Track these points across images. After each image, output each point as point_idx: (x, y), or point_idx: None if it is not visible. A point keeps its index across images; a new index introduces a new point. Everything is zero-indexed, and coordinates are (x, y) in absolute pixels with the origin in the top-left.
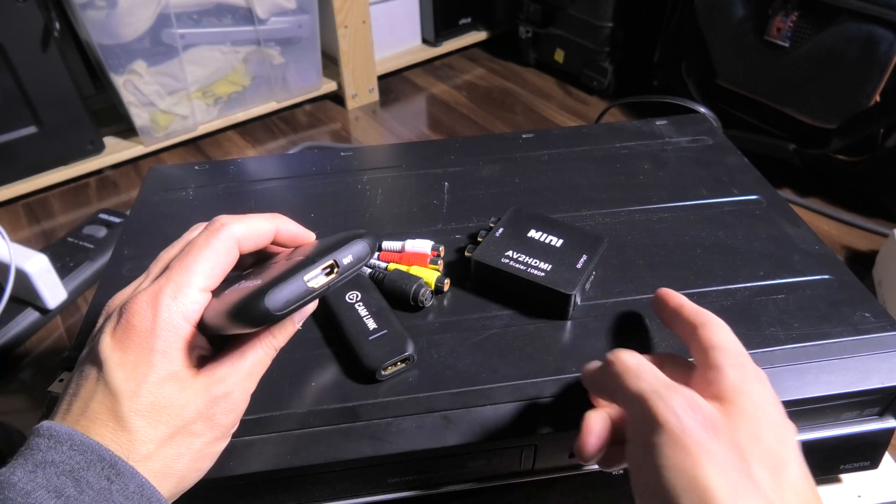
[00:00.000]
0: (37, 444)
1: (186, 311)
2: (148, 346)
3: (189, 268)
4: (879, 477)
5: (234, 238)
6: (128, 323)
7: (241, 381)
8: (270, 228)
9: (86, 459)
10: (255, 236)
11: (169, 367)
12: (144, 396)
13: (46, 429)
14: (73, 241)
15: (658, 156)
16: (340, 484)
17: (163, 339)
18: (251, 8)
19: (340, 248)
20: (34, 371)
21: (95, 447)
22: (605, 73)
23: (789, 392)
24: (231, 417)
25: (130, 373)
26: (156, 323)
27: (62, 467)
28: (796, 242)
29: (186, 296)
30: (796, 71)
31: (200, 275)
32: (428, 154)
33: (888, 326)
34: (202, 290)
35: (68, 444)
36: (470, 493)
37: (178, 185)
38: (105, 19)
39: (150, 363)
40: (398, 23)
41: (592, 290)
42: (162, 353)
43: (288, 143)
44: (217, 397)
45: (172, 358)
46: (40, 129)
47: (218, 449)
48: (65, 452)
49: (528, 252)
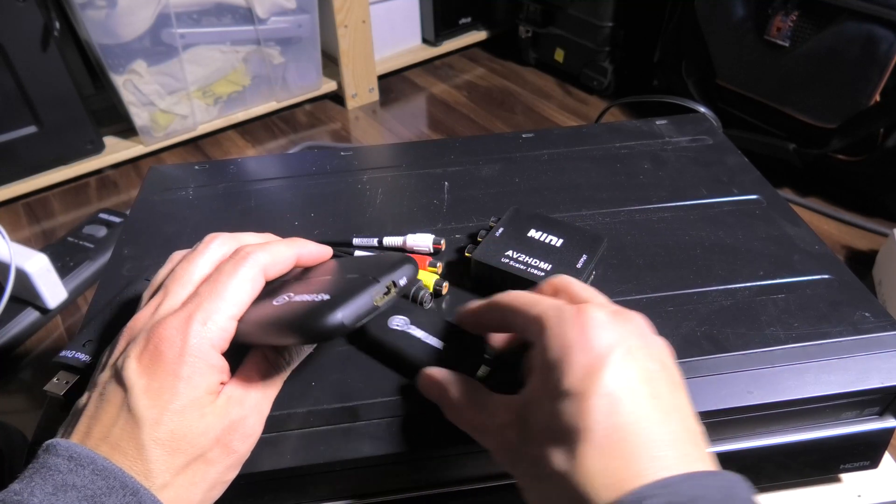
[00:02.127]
0: (56, 464)
1: (214, 339)
2: (174, 373)
3: (220, 294)
4: (879, 477)
5: (261, 267)
6: (156, 349)
7: (257, 403)
8: (292, 255)
9: (108, 485)
10: (279, 264)
11: (192, 394)
12: (165, 425)
13: (66, 448)
14: (73, 240)
15: (658, 155)
16: (340, 484)
17: (189, 365)
18: (251, 8)
19: (396, 270)
20: (34, 371)
21: (118, 473)
22: (605, 72)
23: (789, 392)
24: (246, 444)
25: (155, 400)
26: (184, 350)
27: (84, 492)
28: (796, 242)
29: (216, 323)
30: (796, 71)
31: (230, 302)
32: (428, 154)
33: (888, 326)
34: (231, 317)
35: (90, 469)
36: (470, 493)
37: (178, 185)
38: (105, 19)
39: (174, 390)
40: (398, 23)
41: None
42: (187, 380)
43: (288, 143)
44: (234, 422)
45: (196, 384)
46: (40, 129)
47: (230, 478)
48: (87, 476)
49: (528, 252)
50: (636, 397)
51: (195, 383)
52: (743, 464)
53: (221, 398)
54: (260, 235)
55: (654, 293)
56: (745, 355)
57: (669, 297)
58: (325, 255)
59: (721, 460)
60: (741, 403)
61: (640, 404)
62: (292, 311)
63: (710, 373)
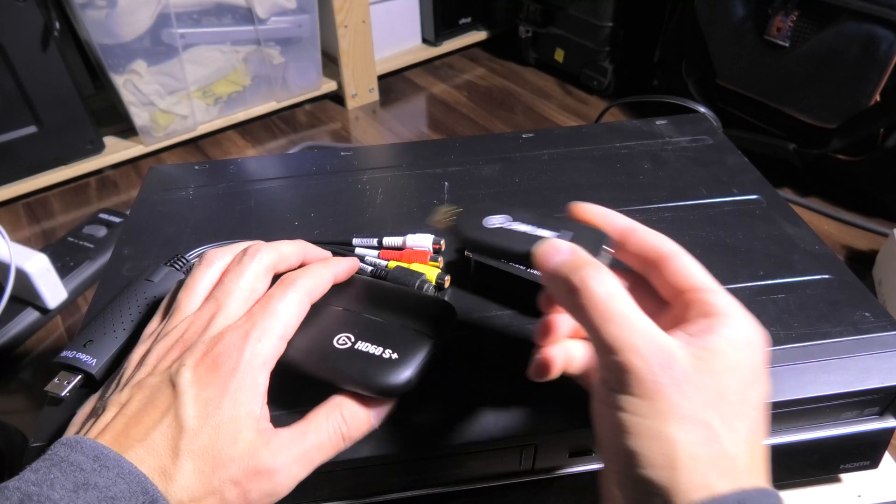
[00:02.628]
0: (79, 461)
1: (267, 357)
2: (223, 386)
3: (273, 314)
4: (879, 477)
5: (307, 292)
6: (214, 361)
7: (293, 461)
8: (331, 278)
9: (129, 489)
10: (321, 286)
11: (231, 412)
12: (202, 438)
13: (91, 447)
14: (73, 240)
15: (658, 155)
16: (341, 484)
17: (238, 380)
18: (251, 8)
19: (446, 325)
20: (34, 371)
21: (141, 479)
22: (605, 72)
23: (789, 392)
24: (264, 500)
25: (202, 410)
26: (239, 364)
27: (105, 492)
28: (796, 242)
29: (270, 341)
30: (796, 71)
31: (282, 323)
32: (428, 154)
33: (888, 326)
34: (282, 338)
35: (115, 471)
36: (470, 493)
37: (178, 185)
38: (105, 19)
39: (219, 404)
40: (398, 23)
41: None
42: (232, 396)
43: (288, 143)
44: (260, 470)
45: (239, 401)
46: (40, 129)
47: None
48: (111, 478)
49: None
50: None
51: (238, 399)
52: None
53: (261, 436)
54: (294, 243)
55: None
56: None
57: None
58: (354, 270)
59: None
60: None
61: None
62: (360, 362)
63: None
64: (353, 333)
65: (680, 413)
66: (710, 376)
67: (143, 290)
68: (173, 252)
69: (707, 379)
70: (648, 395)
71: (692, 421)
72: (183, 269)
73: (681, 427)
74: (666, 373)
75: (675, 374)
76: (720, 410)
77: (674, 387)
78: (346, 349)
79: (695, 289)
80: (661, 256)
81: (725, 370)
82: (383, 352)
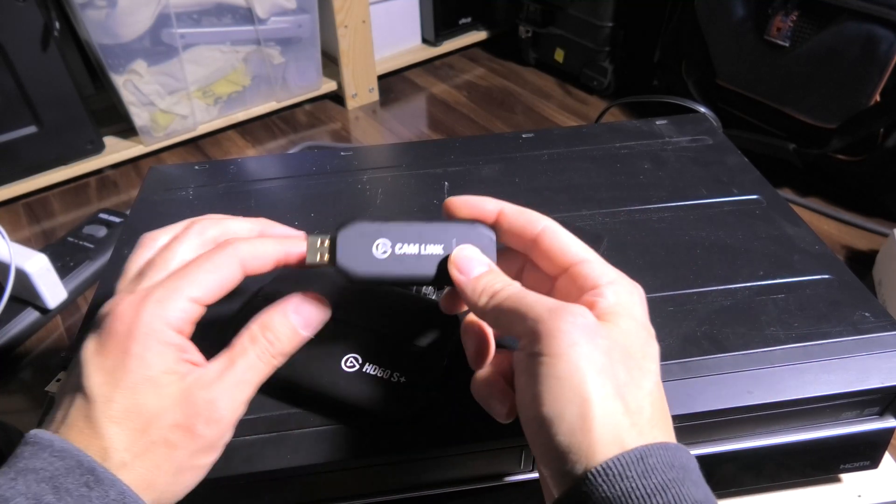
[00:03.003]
0: (21, 451)
1: (169, 318)
2: (124, 350)
3: (185, 276)
4: (879, 477)
5: (239, 258)
6: (109, 327)
7: (227, 388)
8: (276, 253)
9: (65, 466)
10: (260, 258)
11: (145, 372)
12: (119, 402)
13: (32, 436)
14: (73, 240)
15: (658, 155)
16: (340, 484)
17: (139, 342)
18: (251, 8)
19: (450, 338)
20: (34, 371)
21: (74, 452)
22: (605, 72)
23: (789, 392)
24: (215, 429)
25: (107, 377)
26: (135, 326)
27: (42, 474)
28: (796, 242)
29: (174, 301)
30: (796, 71)
31: (193, 284)
32: (428, 154)
33: (888, 326)
34: (192, 299)
35: (49, 451)
36: (470, 493)
37: (178, 185)
38: (105, 19)
39: (125, 367)
40: (398, 23)
41: None
42: (138, 358)
43: (288, 143)
44: (197, 406)
45: (149, 362)
46: (40, 129)
47: (202, 463)
48: (45, 459)
49: None
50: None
51: (148, 361)
52: (743, 464)
53: (188, 379)
54: (250, 220)
55: (654, 293)
56: (745, 355)
57: (669, 297)
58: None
59: (721, 460)
60: (741, 403)
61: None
62: (368, 387)
63: (710, 373)
64: (359, 354)
65: (591, 367)
66: (613, 334)
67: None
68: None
69: (611, 337)
70: (561, 351)
71: (602, 375)
72: None
73: (592, 382)
74: (576, 328)
75: (584, 328)
76: (627, 366)
77: (583, 339)
78: (354, 372)
79: (572, 263)
80: (534, 236)
81: (625, 330)
82: (391, 375)
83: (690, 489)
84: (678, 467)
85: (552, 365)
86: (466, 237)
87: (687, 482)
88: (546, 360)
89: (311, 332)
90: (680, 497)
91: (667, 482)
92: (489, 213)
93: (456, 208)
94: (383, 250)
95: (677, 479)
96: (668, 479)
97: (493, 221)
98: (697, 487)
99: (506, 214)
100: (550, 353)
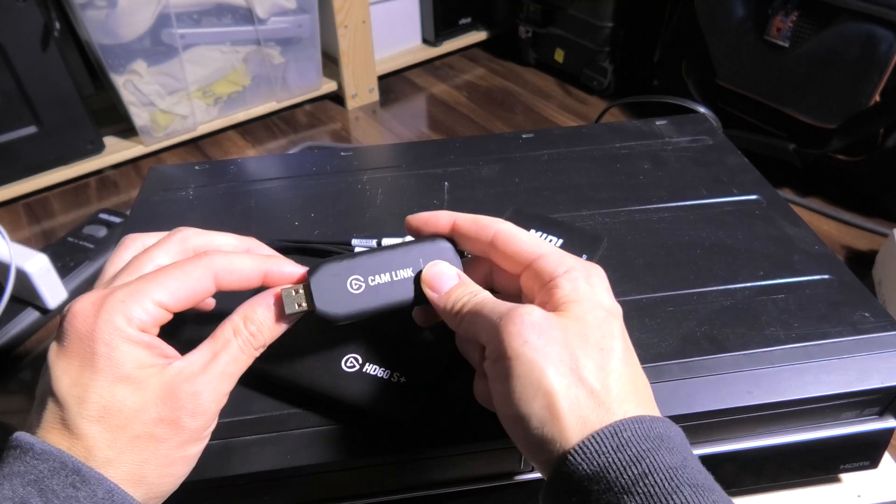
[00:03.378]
0: (6, 455)
1: (132, 316)
2: (90, 350)
3: (154, 279)
4: (879, 477)
5: (212, 269)
6: (69, 326)
7: (211, 380)
8: (256, 271)
9: (49, 468)
10: (236, 274)
11: (117, 371)
12: (94, 402)
13: (15, 439)
14: (73, 241)
15: (658, 156)
16: (340, 484)
17: (104, 342)
18: (251, 8)
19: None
20: (34, 371)
21: (57, 454)
22: (605, 72)
23: (789, 392)
24: (200, 421)
25: (76, 379)
26: (96, 325)
27: (27, 477)
28: (796, 242)
29: (138, 302)
30: (796, 71)
31: (161, 288)
32: (428, 154)
33: (888, 326)
34: (157, 302)
35: (31, 454)
36: (470, 493)
37: (178, 185)
38: (105, 19)
39: (94, 368)
40: (398, 23)
41: None
42: (105, 357)
43: (288, 143)
44: (181, 399)
45: (119, 361)
46: (40, 129)
47: (190, 453)
48: (28, 462)
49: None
50: None
51: (117, 360)
52: (743, 464)
53: (167, 373)
54: (238, 238)
55: (654, 293)
56: (745, 355)
57: (669, 297)
58: (296, 277)
59: (721, 460)
60: (741, 403)
61: None
62: (369, 387)
63: (710, 373)
64: (360, 354)
65: (547, 361)
66: (567, 323)
67: None
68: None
69: (565, 326)
70: (516, 352)
71: (560, 365)
72: None
73: (551, 375)
74: (524, 327)
75: (533, 326)
76: (586, 350)
77: (534, 335)
78: (355, 372)
79: (529, 261)
80: (489, 241)
81: (579, 316)
82: (391, 375)
83: (665, 456)
84: (653, 438)
85: (511, 367)
86: (430, 254)
87: (661, 450)
88: (505, 363)
89: (292, 322)
90: (654, 465)
91: (641, 453)
92: (444, 226)
93: (414, 227)
94: (357, 286)
95: (651, 449)
96: (643, 449)
97: (449, 232)
98: (672, 454)
99: (459, 225)
100: (508, 355)
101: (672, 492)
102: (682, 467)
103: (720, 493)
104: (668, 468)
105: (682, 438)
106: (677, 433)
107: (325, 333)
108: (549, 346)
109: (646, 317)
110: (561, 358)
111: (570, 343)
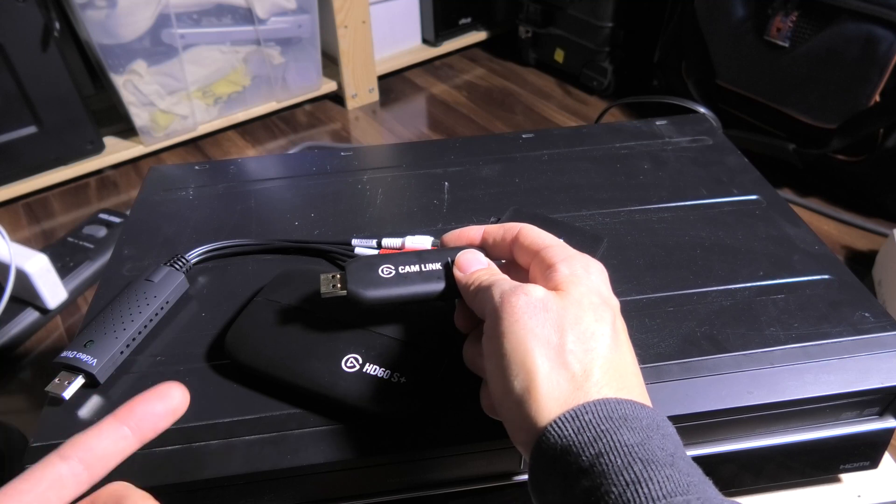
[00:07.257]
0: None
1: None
2: None
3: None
4: (879, 477)
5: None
6: None
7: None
8: (122, 448)
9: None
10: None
11: None
12: None
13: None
14: (73, 241)
15: (658, 156)
16: (340, 484)
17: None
18: (251, 8)
19: (450, 344)
20: (34, 371)
21: None
22: (605, 73)
23: (789, 392)
24: None
25: None
26: None
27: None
28: (796, 242)
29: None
30: (796, 71)
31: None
32: (428, 154)
33: (888, 326)
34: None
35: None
36: (470, 493)
37: (178, 185)
38: (105, 19)
39: None
40: (398, 23)
41: None
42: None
43: (288, 143)
44: None
45: None
46: (40, 129)
47: None
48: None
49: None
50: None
51: None
52: (743, 464)
53: None
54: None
55: (654, 293)
56: (745, 355)
57: (669, 297)
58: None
59: (721, 460)
60: (741, 403)
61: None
62: (369, 387)
63: (710, 373)
64: (360, 354)
65: (535, 341)
66: (564, 303)
67: (143, 290)
68: (173, 252)
69: (561, 306)
70: (508, 328)
71: (546, 346)
72: (183, 269)
73: (536, 355)
74: (521, 304)
75: (529, 305)
76: (576, 333)
77: (527, 314)
78: (355, 372)
79: (539, 250)
80: (514, 237)
81: (576, 298)
82: (391, 375)
83: (624, 435)
84: (615, 419)
85: (501, 343)
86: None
87: (622, 429)
88: (497, 339)
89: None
90: (612, 444)
91: (599, 433)
92: (475, 236)
93: (447, 241)
94: (388, 272)
95: (611, 429)
96: (602, 430)
97: (480, 243)
98: (634, 433)
99: (488, 231)
100: (500, 331)
101: (624, 468)
102: (640, 444)
103: (680, 468)
104: (623, 446)
105: (651, 418)
106: (646, 413)
107: (326, 334)
108: (539, 327)
109: (646, 317)
110: (549, 339)
111: (563, 324)
